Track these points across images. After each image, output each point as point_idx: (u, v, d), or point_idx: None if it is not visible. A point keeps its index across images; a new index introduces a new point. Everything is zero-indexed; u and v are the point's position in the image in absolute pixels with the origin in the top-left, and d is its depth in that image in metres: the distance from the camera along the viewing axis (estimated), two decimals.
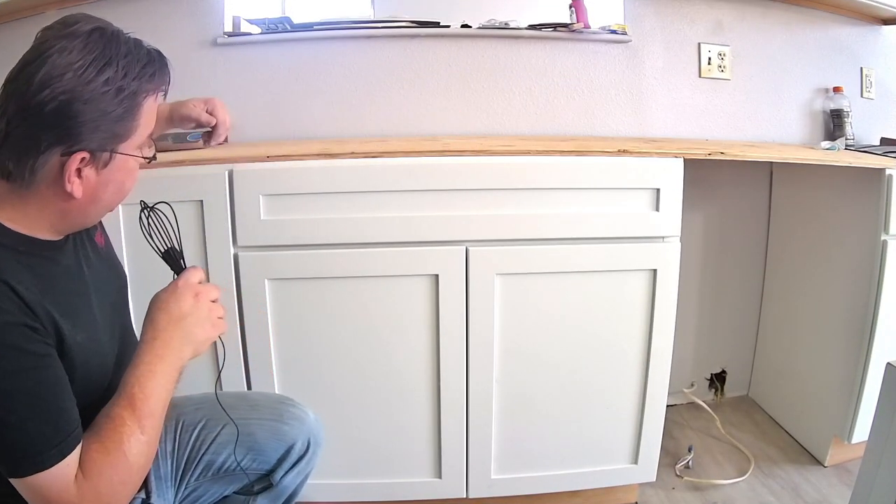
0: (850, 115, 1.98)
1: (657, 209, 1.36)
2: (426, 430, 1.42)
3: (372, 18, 1.88)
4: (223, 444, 1.02)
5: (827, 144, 1.80)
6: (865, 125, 2.05)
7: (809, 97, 2.03)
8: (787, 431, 1.92)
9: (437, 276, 1.34)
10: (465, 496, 1.47)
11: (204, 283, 0.87)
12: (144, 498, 0.93)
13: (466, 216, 1.32)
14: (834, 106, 2.00)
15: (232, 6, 1.79)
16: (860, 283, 1.59)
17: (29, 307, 0.69)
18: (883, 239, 1.52)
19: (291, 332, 1.36)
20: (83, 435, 0.73)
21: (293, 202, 1.29)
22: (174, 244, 0.88)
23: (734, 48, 1.96)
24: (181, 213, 0.91)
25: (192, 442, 1.02)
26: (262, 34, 1.79)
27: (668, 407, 1.49)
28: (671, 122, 1.97)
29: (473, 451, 1.43)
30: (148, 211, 0.86)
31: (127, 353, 0.86)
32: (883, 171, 1.50)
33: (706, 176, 1.91)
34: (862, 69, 2.05)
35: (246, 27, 1.81)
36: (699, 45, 1.95)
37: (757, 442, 1.87)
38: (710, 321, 2.09)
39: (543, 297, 1.38)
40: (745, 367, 2.14)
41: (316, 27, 1.80)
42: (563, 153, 1.35)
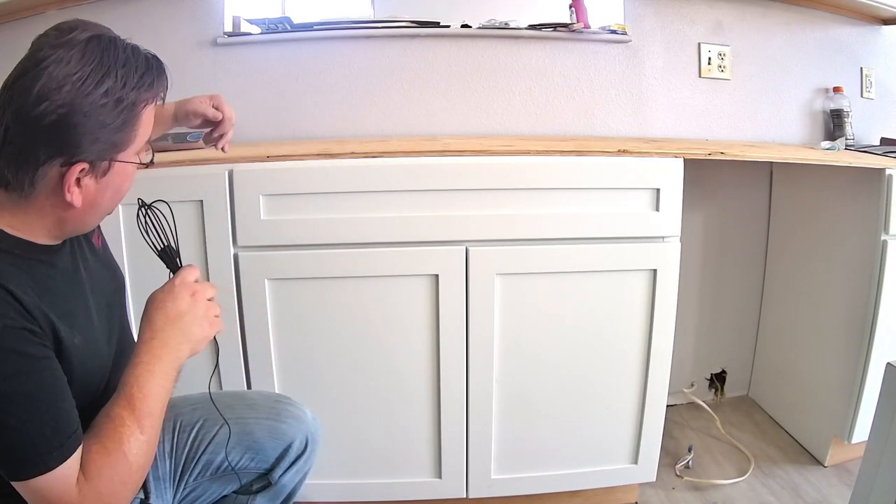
0: (850, 115, 1.98)
1: (657, 209, 1.36)
2: (426, 430, 1.42)
3: (372, 18, 1.89)
4: (221, 443, 1.02)
5: (827, 144, 1.80)
6: (865, 125, 2.05)
7: (809, 97, 2.03)
8: (787, 431, 1.92)
9: (437, 276, 1.34)
10: (465, 496, 1.47)
11: (200, 281, 0.86)
12: (143, 498, 0.93)
13: (466, 216, 1.32)
14: (834, 106, 2.00)
15: (232, 6, 1.79)
16: (860, 283, 1.59)
17: (27, 311, 0.69)
18: (883, 239, 1.52)
19: (291, 332, 1.36)
20: (83, 436, 0.73)
21: (293, 202, 1.29)
22: (171, 242, 0.88)
23: (734, 48, 1.96)
24: (181, 213, 0.91)
25: (190, 442, 1.02)
26: (262, 34, 1.79)
27: (668, 407, 1.49)
28: (671, 122, 1.97)
29: (473, 451, 1.43)
30: (145, 209, 0.85)
31: (125, 353, 0.86)
32: (883, 171, 1.50)
33: (706, 176, 1.91)
34: (862, 69, 2.05)
35: (246, 27, 1.81)
36: (699, 45, 1.95)
37: (757, 442, 1.87)
38: (710, 321, 2.09)
39: (543, 297, 1.38)
40: (745, 367, 2.14)
41: (316, 27, 1.80)
42: (563, 153, 1.35)
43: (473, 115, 1.89)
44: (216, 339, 0.88)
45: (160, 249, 0.87)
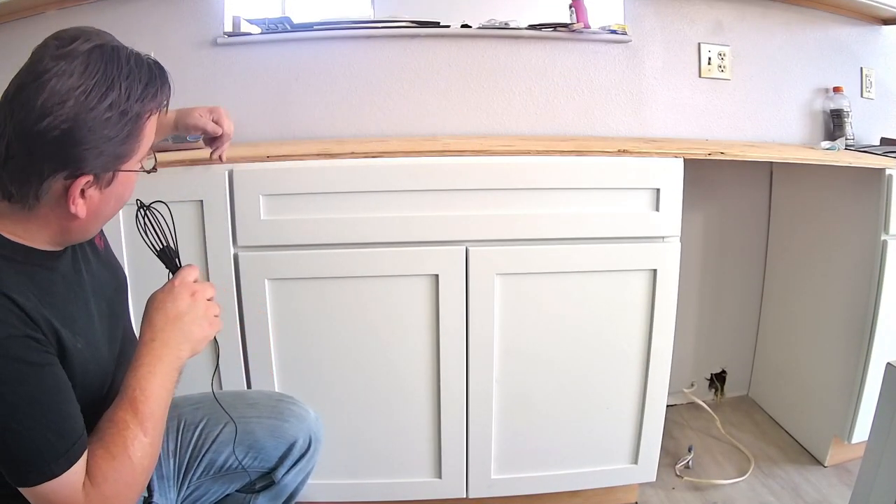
0: (850, 115, 1.98)
1: (657, 209, 1.36)
2: (426, 430, 1.42)
3: (372, 18, 1.89)
4: (224, 442, 1.02)
5: (827, 144, 1.80)
6: (865, 125, 2.05)
7: (809, 97, 2.03)
8: (787, 431, 1.92)
9: (437, 276, 1.34)
10: (465, 496, 1.47)
11: (199, 281, 0.86)
12: (147, 497, 0.93)
13: (466, 216, 1.32)
14: (834, 106, 2.00)
15: (232, 6, 1.79)
16: (860, 283, 1.59)
17: (30, 317, 0.69)
18: (883, 239, 1.52)
19: (291, 332, 1.36)
20: (87, 440, 0.73)
21: (293, 202, 1.29)
22: (170, 243, 0.88)
23: (734, 48, 1.96)
24: (181, 213, 0.91)
25: (193, 441, 1.02)
26: (262, 34, 1.79)
27: (668, 407, 1.50)
28: (671, 122, 1.97)
29: (473, 451, 1.43)
30: (144, 210, 0.85)
31: (127, 353, 0.86)
32: (883, 171, 1.50)
33: (706, 176, 1.91)
34: (862, 69, 2.05)
35: (246, 27, 1.81)
36: (699, 45, 1.95)
37: (757, 442, 1.87)
38: (710, 321, 2.09)
39: (543, 297, 1.38)
40: (745, 367, 2.14)
41: (316, 27, 1.80)
42: (563, 153, 1.35)
43: (473, 115, 1.89)
44: (216, 339, 0.88)
45: (159, 250, 0.87)
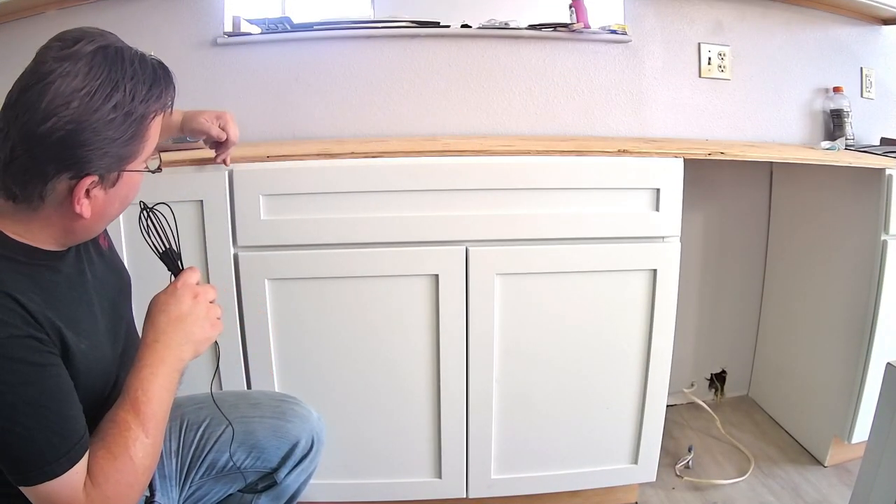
0: (850, 115, 1.98)
1: (657, 209, 1.36)
2: (426, 430, 1.42)
3: (372, 18, 1.89)
4: (226, 442, 1.03)
5: (827, 144, 1.80)
6: (865, 125, 2.05)
7: (809, 97, 2.03)
8: (787, 431, 1.92)
9: (437, 276, 1.34)
10: (465, 496, 1.47)
11: (201, 283, 0.87)
12: (149, 497, 0.93)
13: (466, 216, 1.32)
14: (834, 106, 2.00)
15: (232, 6, 1.79)
16: (860, 283, 1.59)
17: (34, 318, 0.69)
18: (883, 239, 1.52)
19: (291, 332, 1.36)
20: (89, 441, 0.73)
21: (293, 202, 1.29)
22: (172, 245, 0.88)
23: (734, 48, 1.96)
24: (181, 213, 0.91)
25: (196, 441, 1.03)
26: (262, 34, 1.79)
27: (668, 407, 1.49)
28: (671, 122, 1.97)
29: (473, 451, 1.43)
30: (147, 212, 0.86)
31: (130, 354, 0.86)
32: (883, 171, 1.50)
33: (706, 176, 1.92)
34: (862, 69, 2.05)
35: (246, 27, 1.81)
36: (699, 45, 1.95)
37: (757, 442, 1.87)
38: (710, 321, 2.09)
39: (543, 297, 1.38)
40: (745, 367, 2.14)
41: (316, 27, 1.80)
42: (562, 153, 1.35)
43: (473, 115, 1.89)
44: (217, 341, 0.89)
45: (162, 252, 0.87)
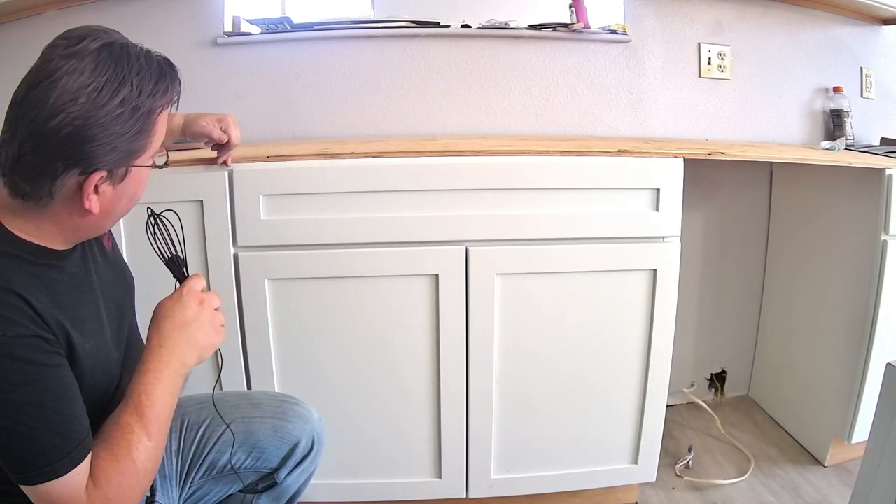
0: (850, 115, 1.98)
1: (657, 209, 1.36)
2: (426, 429, 1.42)
3: (372, 18, 1.89)
4: (227, 443, 1.03)
5: (827, 144, 1.80)
6: (865, 125, 2.05)
7: (809, 97, 2.03)
8: (787, 431, 1.92)
9: (437, 276, 1.34)
10: (465, 496, 1.47)
11: (206, 290, 0.87)
12: (149, 496, 0.93)
13: (466, 216, 1.32)
14: (834, 106, 2.00)
15: (232, 6, 1.79)
16: (860, 283, 1.59)
17: (41, 318, 0.69)
18: (883, 239, 1.52)
19: (291, 332, 1.36)
20: (92, 442, 0.73)
21: (293, 202, 1.29)
22: (178, 252, 0.88)
23: (734, 48, 1.96)
24: (181, 213, 0.91)
25: (196, 441, 1.03)
26: (262, 34, 1.79)
27: (668, 407, 1.49)
28: (671, 122, 1.97)
29: (473, 451, 1.43)
30: (155, 218, 0.86)
31: (133, 355, 0.87)
32: (883, 171, 1.50)
33: (706, 176, 1.92)
34: (862, 69, 2.05)
35: (246, 27, 1.81)
36: (699, 45, 1.95)
37: (757, 442, 1.87)
38: (710, 321, 2.09)
39: (543, 296, 1.38)
40: (745, 367, 2.14)
41: (316, 27, 1.80)
42: (562, 153, 1.35)
43: (473, 115, 1.89)
44: (220, 350, 0.89)
45: (168, 258, 0.88)
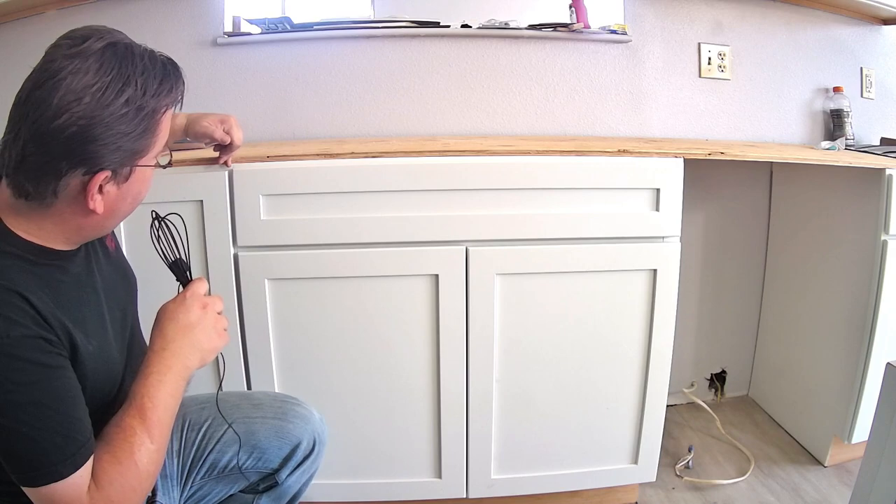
0: (850, 115, 1.98)
1: (657, 209, 1.36)
2: (426, 429, 1.42)
3: (372, 18, 1.88)
4: (228, 443, 1.03)
5: (827, 144, 1.80)
6: (865, 125, 2.05)
7: (809, 97, 2.03)
8: (787, 431, 1.92)
9: (437, 276, 1.34)
10: (465, 496, 1.47)
11: (209, 294, 0.88)
12: (150, 496, 0.93)
13: (466, 216, 1.32)
14: (834, 106, 2.00)
15: (232, 6, 1.79)
16: (860, 283, 1.59)
17: (44, 319, 0.69)
18: (883, 239, 1.52)
19: (291, 332, 1.36)
20: (95, 444, 0.73)
21: (293, 202, 1.29)
22: (182, 256, 0.88)
23: (734, 48, 1.96)
24: (181, 213, 0.91)
25: (197, 441, 1.03)
26: (262, 34, 1.79)
27: (668, 407, 1.49)
28: (671, 122, 1.97)
29: (473, 451, 1.43)
30: (159, 221, 0.86)
31: (136, 356, 0.87)
32: (883, 171, 1.50)
33: (706, 176, 1.92)
34: (862, 69, 2.05)
35: (246, 27, 1.81)
36: (699, 45, 1.95)
37: (757, 442, 1.87)
38: (710, 321, 2.09)
39: (543, 296, 1.38)
40: (745, 367, 2.14)
41: (316, 27, 1.80)
42: (562, 153, 1.35)
43: (473, 115, 1.89)
44: (222, 354, 0.89)
45: (172, 261, 0.88)
